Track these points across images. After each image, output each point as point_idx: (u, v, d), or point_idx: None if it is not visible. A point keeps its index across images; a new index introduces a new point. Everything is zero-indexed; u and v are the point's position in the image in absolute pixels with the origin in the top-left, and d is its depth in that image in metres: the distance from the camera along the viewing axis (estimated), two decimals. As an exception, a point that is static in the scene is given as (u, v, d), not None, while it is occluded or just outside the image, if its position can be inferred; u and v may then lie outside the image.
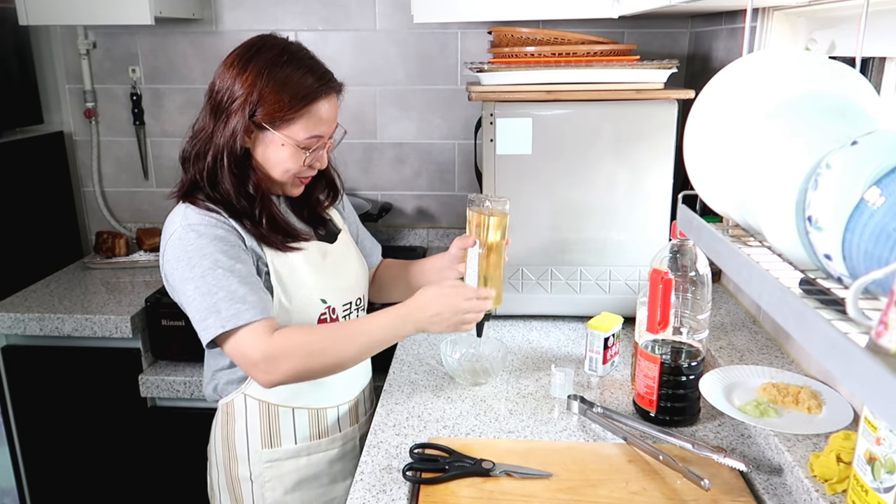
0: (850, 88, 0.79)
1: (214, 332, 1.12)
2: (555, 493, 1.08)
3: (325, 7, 2.28)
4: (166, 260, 1.18)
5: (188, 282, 1.14)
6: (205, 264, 1.13)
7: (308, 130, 1.19)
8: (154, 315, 1.93)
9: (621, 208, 1.63)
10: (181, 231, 1.16)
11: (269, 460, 1.29)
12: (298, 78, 1.17)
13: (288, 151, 1.20)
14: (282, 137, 1.19)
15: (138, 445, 2.02)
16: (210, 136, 1.20)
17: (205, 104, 1.23)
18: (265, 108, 1.16)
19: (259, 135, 1.20)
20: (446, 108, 2.34)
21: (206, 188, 1.20)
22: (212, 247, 1.15)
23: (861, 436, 0.87)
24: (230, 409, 1.29)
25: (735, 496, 1.05)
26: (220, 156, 1.18)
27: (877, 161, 0.60)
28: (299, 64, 1.19)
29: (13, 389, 2.02)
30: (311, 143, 1.21)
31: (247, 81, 1.16)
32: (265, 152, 1.21)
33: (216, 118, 1.19)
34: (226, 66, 1.20)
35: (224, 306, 1.12)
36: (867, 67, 1.20)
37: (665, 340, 1.26)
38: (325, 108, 1.20)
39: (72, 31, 2.33)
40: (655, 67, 1.55)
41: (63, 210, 2.43)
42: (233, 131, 1.17)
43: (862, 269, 0.58)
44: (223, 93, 1.18)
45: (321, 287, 1.28)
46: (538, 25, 2.07)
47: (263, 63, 1.17)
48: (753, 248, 0.84)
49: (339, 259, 1.35)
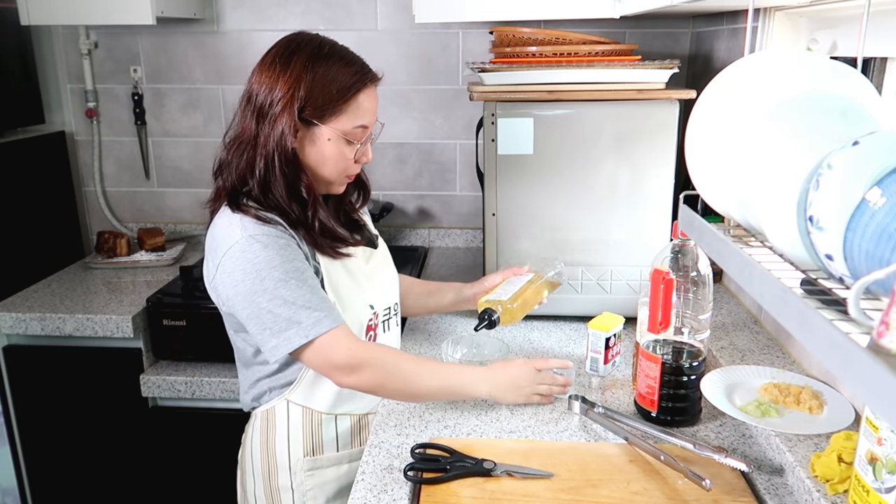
0: (852, 89, 0.79)
1: (298, 342, 1.13)
2: (556, 493, 1.08)
3: (327, 7, 2.28)
4: (226, 272, 1.15)
5: (259, 294, 1.13)
6: (276, 275, 1.13)
7: (354, 121, 1.19)
8: (155, 315, 1.93)
9: (622, 208, 1.63)
10: (244, 243, 1.14)
11: (310, 468, 1.28)
12: (342, 69, 1.17)
13: (337, 145, 1.20)
14: (330, 131, 1.18)
15: (139, 445, 2.02)
16: (254, 141, 1.17)
17: (241, 111, 1.20)
18: (313, 102, 1.15)
19: (307, 133, 1.19)
20: (448, 108, 2.34)
21: (259, 196, 1.18)
22: (279, 258, 1.14)
23: (862, 436, 0.87)
24: (271, 416, 1.28)
25: (736, 496, 1.05)
26: (271, 159, 1.16)
27: (878, 161, 0.60)
28: (340, 55, 1.19)
29: (14, 389, 2.02)
30: (357, 133, 1.21)
31: (291, 78, 1.15)
32: (314, 150, 1.20)
33: (259, 122, 1.16)
34: (263, 67, 1.18)
35: (303, 315, 1.13)
36: (869, 67, 1.20)
37: (666, 340, 1.26)
38: (369, 97, 1.21)
39: (73, 30, 2.33)
40: (657, 67, 1.55)
41: (64, 210, 2.44)
42: (282, 132, 1.15)
43: (863, 269, 0.58)
44: (265, 95, 1.16)
45: (368, 293, 1.30)
46: (540, 25, 2.07)
47: (306, 57, 1.16)
48: (755, 248, 0.84)
49: (380, 264, 1.37)
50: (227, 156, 1.21)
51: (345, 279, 1.26)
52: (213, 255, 1.19)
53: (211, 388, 1.92)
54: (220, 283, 1.17)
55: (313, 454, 1.29)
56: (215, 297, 1.22)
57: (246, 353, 1.28)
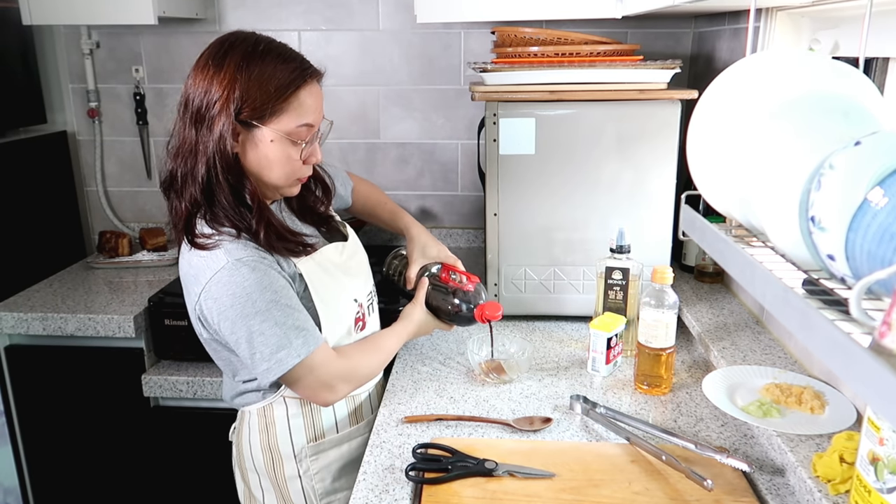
0: (854, 89, 0.79)
1: (291, 363, 1.13)
2: (557, 493, 1.08)
3: (328, 7, 2.28)
4: (212, 298, 1.12)
5: (251, 318, 1.11)
6: (267, 297, 1.12)
7: (297, 119, 1.14)
8: (157, 315, 1.93)
9: (624, 208, 1.63)
10: (231, 267, 1.11)
11: (315, 453, 1.31)
12: (280, 66, 1.13)
13: (281, 147, 1.15)
14: (271, 132, 1.13)
15: (141, 445, 2.02)
16: (194, 148, 1.13)
17: (179, 119, 1.15)
18: (251, 102, 1.10)
19: (248, 136, 1.14)
20: (449, 108, 2.34)
21: (205, 206, 1.14)
22: (268, 279, 1.13)
23: (864, 436, 0.87)
24: (268, 413, 1.27)
25: (738, 496, 1.05)
26: (212, 165, 1.11)
27: (880, 161, 0.60)
28: (277, 53, 1.15)
29: (16, 389, 2.02)
30: (301, 133, 1.16)
31: (225, 79, 1.10)
32: (256, 154, 1.15)
33: (198, 128, 1.12)
34: (197, 70, 1.14)
35: (293, 335, 1.13)
36: (870, 68, 1.20)
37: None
38: (310, 94, 1.16)
39: (75, 30, 2.34)
40: (659, 68, 1.55)
41: (66, 210, 2.44)
42: (220, 135, 1.10)
43: (865, 269, 0.58)
44: (200, 98, 1.12)
45: (350, 288, 1.31)
46: (541, 25, 2.07)
47: (240, 57, 1.11)
48: (756, 248, 0.84)
49: (351, 252, 1.37)
50: (175, 168, 1.16)
51: (326, 280, 1.25)
52: (194, 283, 1.15)
53: (212, 388, 1.92)
54: (207, 309, 1.14)
55: (315, 439, 1.31)
56: (199, 326, 1.20)
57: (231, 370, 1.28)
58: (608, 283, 1.53)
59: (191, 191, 1.14)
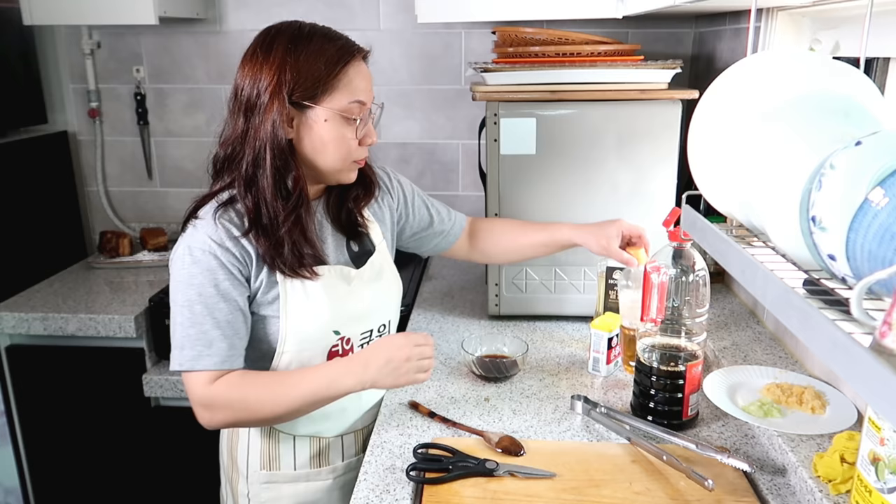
0: (854, 89, 0.79)
1: (176, 366, 1.13)
2: (558, 493, 1.08)
3: (329, 7, 2.28)
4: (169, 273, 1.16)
5: (173, 304, 1.14)
6: (189, 294, 1.11)
7: (349, 96, 1.13)
8: (158, 315, 1.93)
9: (625, 208, 1.63)
10: (182, 250, 1.12)
11: (266, 481, 1.26)
12: (327, 45, 1.13)
13: (335, 126, 1.13)
14: (325, 111, 1.12)
15: (142, 445, 2.03)
16: (244, 136, 1.12)
17: (230, 110, 1.16)
18: (302, 83, 1.10)
19: (301, 119, 1.13)
20: (450, 108, 2.34)
21: (242, 191, 1.13)
22: (202, 277, 1.10)
23: (865, 436, 0.87)
24: None
25: (739, 496, 1.05)
26: (261, 152, 1.10)
27: (881, 161, 0.60)
28: (322, 34, 1.16)
29: (17, 389, 2.02)
30: (353, 109, 1.14)
31: (275, 64, 1.10)
32: (312, 136, 1.14)
33: (248, 117, 1.12)
34: (245, 61, 1.15)
35: (188, 344, 1.12)
36: (871, 68, 1.20)
37: (663, 344, 1.26)
38: (359, 72, 1.16)
39: (76, 30, 2.34)
40: (659, 67, 1.55)
41: (67, 210, 2.44)
42: (273, 122, 1.09)
43: (866, 269, 0.58)
44: (251, 87, 1.12)
45: (337, 318, 1.20)
46: (542, 25, 2.07)
47: (287, 41, 1.13)
48: (757, 248, 0.85)
49: (363, 284, 1.25)
50: (223, 153, 1.16)
51: (308, 301, 1.17)
52: None
53: (213, 388, 1.93)
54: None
55: (269, 469, 1.26)
56: None
57: None
58: (609, 283, 1.53)
59: (234, 175, 1.14)
